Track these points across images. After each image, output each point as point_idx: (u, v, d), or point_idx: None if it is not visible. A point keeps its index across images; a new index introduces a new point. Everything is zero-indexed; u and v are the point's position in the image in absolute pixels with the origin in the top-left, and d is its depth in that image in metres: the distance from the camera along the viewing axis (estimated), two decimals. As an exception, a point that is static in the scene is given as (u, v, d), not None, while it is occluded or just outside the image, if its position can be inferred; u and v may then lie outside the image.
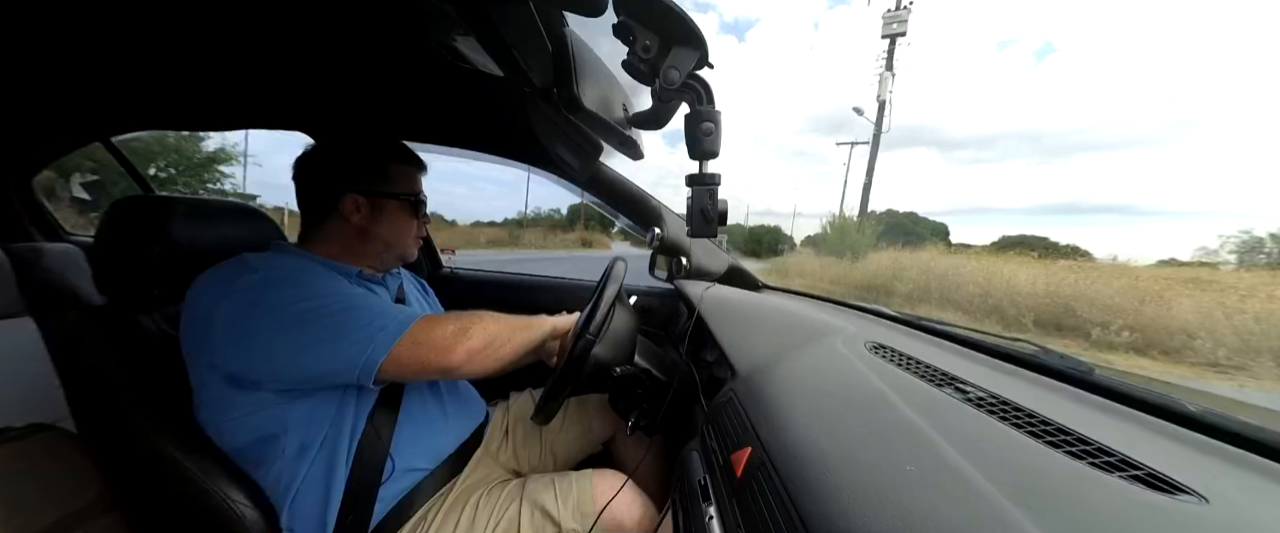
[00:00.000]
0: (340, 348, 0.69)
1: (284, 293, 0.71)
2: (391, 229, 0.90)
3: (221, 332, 0.69)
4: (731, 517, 0.53)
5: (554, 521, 0.79)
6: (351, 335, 0.69)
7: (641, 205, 1.43)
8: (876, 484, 0.42)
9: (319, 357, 0.69)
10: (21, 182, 1.71)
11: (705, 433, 0.74)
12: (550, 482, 0.85)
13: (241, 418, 0.72)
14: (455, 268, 1.87)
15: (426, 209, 0.97)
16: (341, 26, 1.00)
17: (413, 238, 0.95)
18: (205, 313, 0.70)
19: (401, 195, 0.90)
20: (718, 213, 0.71)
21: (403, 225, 0.92)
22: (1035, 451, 0.46)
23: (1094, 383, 0.62)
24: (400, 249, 0.94)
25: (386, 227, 0.89)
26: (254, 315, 0.68)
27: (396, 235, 0.91)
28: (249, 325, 0.68)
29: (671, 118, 0.76)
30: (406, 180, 0.92)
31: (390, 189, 0.89)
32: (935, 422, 0.52)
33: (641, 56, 0.58)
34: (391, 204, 0.89)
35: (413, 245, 0.96)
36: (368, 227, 0.88)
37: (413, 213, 0.93)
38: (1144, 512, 0.36)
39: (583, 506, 0.80)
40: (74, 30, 1.03)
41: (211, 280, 0.72)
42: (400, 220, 0.91)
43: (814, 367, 0.77)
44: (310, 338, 0.69)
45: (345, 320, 0.70)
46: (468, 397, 1.02)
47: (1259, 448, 0.46)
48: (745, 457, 0.56)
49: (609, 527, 0.79)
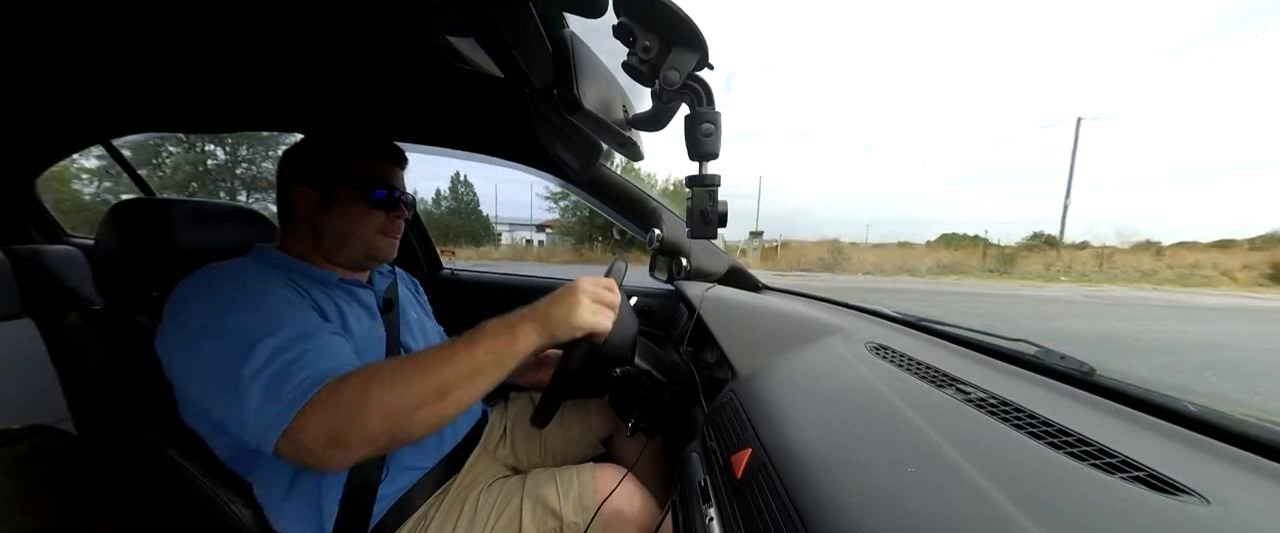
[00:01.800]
0: (226, 395, 0.58)
1: (200, 306, 0.64)
2: (343, 221, 0.84)
3: (159, 345, 0.66)
4: (732, 518, 0.53)
5: (556, 514, 0.79)
6: (241, 381, 0.57)
7: (641, 207, 1.43)
8: (878, 486, 0.42)
9: (205, 393, 0.61)
10: (23, 184, 1.71)
11: (705, 434, 0.74)
12: (552, 476, 0.85)
13: (219, 428, 0.70)
14: (455, 270, 1.87)
15: (405, 201, 0.89)
16: (342, 28, 1.00)
17: (374, 231, 0.86)
18: (163, 322, 0.67)
19: (355, 183, 0.83)
20: (718, 214, 0.71)
21: (356, 216, 0.84)
22: (1036, 452, 0.45)
23: (1094, 384, 0.62)
24: (360, 244, 0.86)
25: (337, 218, 0.83)
26: (169, 330, 0.65)
27: (348, 227, 0.84)
28: (165, 340, 0.65)
29: (671, 119, 0.76)
30: (367, 169, 0.85)
31: (345, 181, 0.83)
32: (936, 423, 0.52)
33: (641, 57, 0.58)
34: (343, 193, 0.83)
35: (379, 240, 0.87)
36: (317, 218, 0.83)
37: (369, 202, 0.84)
38: (1145, 513, 0.36)
39: (584, 499, 0.80)
40: (74, 33, 1.03)
41: (175, 302, 0.68)
42: (353, 210, 0.84)
43: (814, 368, 0.77)
44: (200, 367, 0.61)
45: (243, 357, 0.58)
46: None
47: (1260, 448, 0.45)
48: (746, 458, 0.56)
49: (610, 519, 0.78)
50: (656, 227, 1.41)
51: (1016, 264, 19.77)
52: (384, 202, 0.86)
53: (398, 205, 0.88)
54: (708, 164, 0.69)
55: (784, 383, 0.70)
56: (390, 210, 0.88)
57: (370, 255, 0.89)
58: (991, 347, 0.80)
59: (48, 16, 0.96)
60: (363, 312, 0.84)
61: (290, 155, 0.86)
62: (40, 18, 0.96)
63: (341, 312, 0.79)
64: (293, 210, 0.84)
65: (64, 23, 0.98)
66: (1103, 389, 0.60)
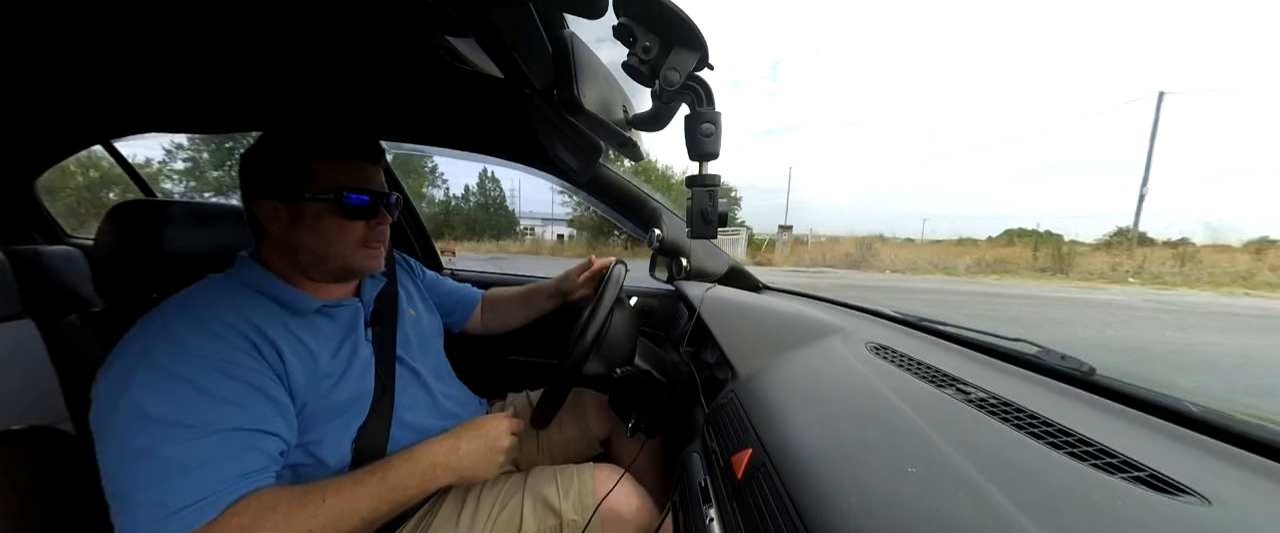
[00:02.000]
0: (130, 497, 0.53)
1: (133, 363, 0.58)
2: (318, 238, 0.74)
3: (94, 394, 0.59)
4: (732, 518, 0.53)
5: (555, 512, 0.79)
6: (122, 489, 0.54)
7: (641, 207, 1.43)
8: (878, 486, 0.42)
9: (112, 483, 0.55)
10: (23, 184, 1.71)
11: (706, 434, 0.74)
12: (552, 474, 0.85)
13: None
14: (455, 270, 1.87)
15: (388, 205, 0.80)
16: (343, 30, 1.00)
17: (355, 244, 0.77)
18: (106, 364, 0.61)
19: (322, 195, 0.73)
20: (718, 214, 0.71)
21: (332, 231, 0.74)
22: (1037, 452, 0.45)
23: (1095, 384, 0.62)
24: (339, 261, 0.77)
25: (309, 235, 0.74)
26: (98, 393, 0.59)
27: (325, 244, 0.75)
28: (97, 395, 0.59)
29: (671, 119, 0.76)
30: (335, 175, 0.74)
31: (310, 188, 0.73)
32: (937, 423, 0.52)
33: (642, 58, 0.58)
34: (312, 206, 0.73)
35: (360, 255, 0.78)
36: (289, 236, 0.74)
37: (343, 213, 0.74)
38: (1147, 513, 0.36)
39: (583, 497, 0.80)
40: (75, 34, 1.03)
41: (119, 347, 0.62)
42: (326, 225, 0.74)
43: (815, 368, 0.77)
44: (113, 451, 0.55)
45: (157, 450, 0.54)
46: (462, 395, 1.00)
47: (1261, 449, 0.45)
48: (746, 458, 0.56)
49: (609, 518, 0.79)
50: (656, 227, 1.41)
51: (1074, 262, 16.88)
52: (362, 209, 0.76)
53: (379, 211, 0.78)
54: (708, 164, 0.69)
55: (784, 383, 0.70)
56: (371, 219, 0.78)
57: (351, 272, 0.81)
58: (992, 347, 0.80)
59: (47, 17, 0.96)
60: (341, 339, 0.78)
61: (247, 161, 0.75)
62: (40, 18, 0.96)
63: (311, 352, 0.72)
64: (260, 227, 0.75)
65: (64, 23, 0.98)
66: (1103, 389, 0.60)
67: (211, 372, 0.61)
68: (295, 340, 0.71)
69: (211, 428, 0.58)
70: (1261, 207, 47.74)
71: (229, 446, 0.59)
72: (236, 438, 0.60)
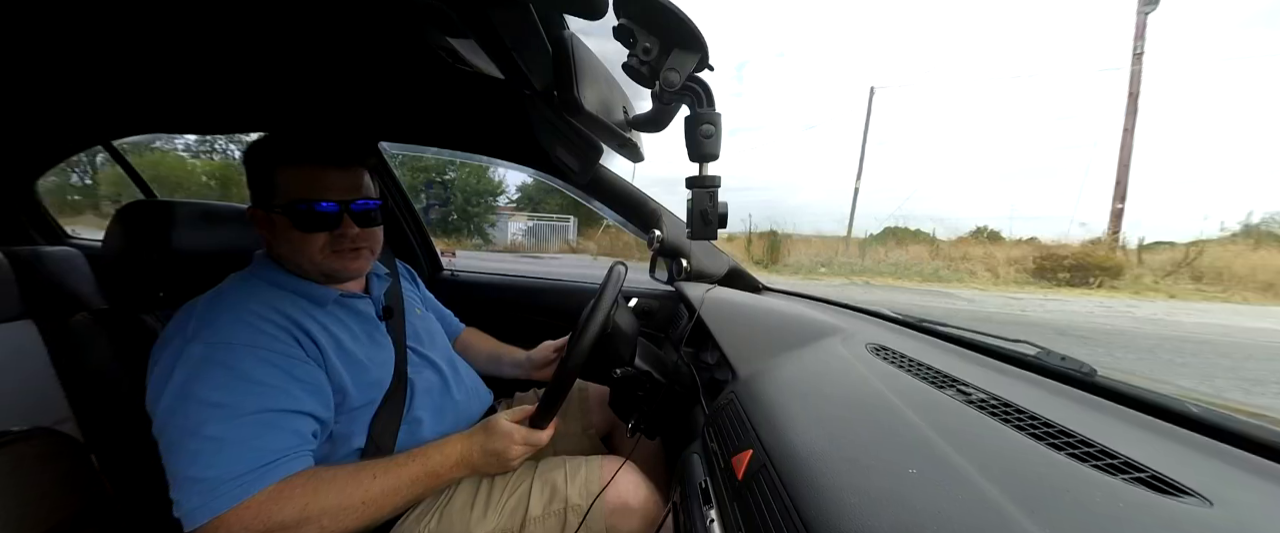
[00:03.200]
0: (185, 470, 0.60)
1: (177, 352, 0.66)
2: (288, 246, 0.77)
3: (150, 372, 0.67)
4: (733, 519, 0.53)
5: (562, 496, 0.81)
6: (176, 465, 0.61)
7: (641, 208, 1.43)
8: (879, 487, 0.42)
9: (166, 463, 0.62)
10: (23, 184, 1.72)
11: (706, 435, 0.74)
12: (562, 462, 0.87)
13: None
14: (455, 271, 1.87)
15: (353, 210, 0.77)
16: (344, 31, 1.01)
17: (318, 251, 0.76)
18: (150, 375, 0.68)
19: (278, 207, 0.75)
20: (718, 215, 0.71)
21: (294, 241, 0.76)
22: (1038, 453, 0.45)
23: (1095, 385, 0.62)
24: (313, 268, 0.78)
25: (283, 244, 0.77)
26: (151, 384, 0.66)
27: (294, 253, 0.77)
28: (151, 378, 0.67)
29: (672, 120, 0.76)
30: (294, 186, 0.75)
31: (275, 199, 0.75)
32: (937, 424, 0.52)
33: (642, 59, 0.58)
34: (279, 218, 0.75)
35: (331, 262, 0.78)
36: (273, 242, 0.79)
37: (297, 224, 0.75)
38: (1147, 514, 0.36)
39: (590, 485, 0.82)
40: (76, 35, 1.03)
41: (161, 339, 0.70)
42: (291, 235, 0.76)
43: (815, 369, 0.77)
44: (164, 434, 0.63)
45: (188, 437, 0.61)
46: (473, 384, 1.02)
47: (1262, 449, 0.45)
48: (746, 459, 0.56)
49: (615, 507, 0.80)
50: (657, 227, 1.41)
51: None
52: (320, 219, 0.75)
53: (341, 220, 0.76)
54: (708, 165, 0.69)
55: (784, 384, 0.70)
56: (333, 229, 0.76)
57: (333, 276, 0.81)
58: (992, 348, 0.80)
59: (49, 18, 0.96)
60: (363, 330, 0.83)
61: (245, 168, 0.80)
62: (40, 19, 0.97)
63: (337, 339, 0.77)
64: (260, 234, 0.81)
65: (65, 24, 0.99)
66: (1104, 390, 0.60)
67: (249, 357, 0.67)
68: (323, 329, 0.76)
69: (249, 409, 0.64)
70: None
71: (267, 424, 0.64)
72: (273, 418, 0.65)
